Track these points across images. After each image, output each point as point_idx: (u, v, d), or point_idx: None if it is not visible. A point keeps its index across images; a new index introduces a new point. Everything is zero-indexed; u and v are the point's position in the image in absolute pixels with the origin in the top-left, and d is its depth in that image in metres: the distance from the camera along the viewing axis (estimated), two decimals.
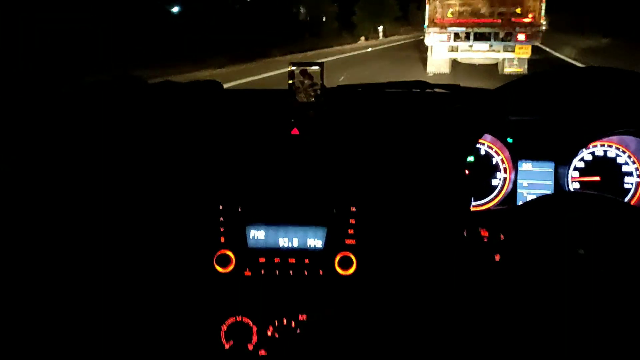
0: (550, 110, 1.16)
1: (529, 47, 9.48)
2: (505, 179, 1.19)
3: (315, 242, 1.04)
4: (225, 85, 1.27)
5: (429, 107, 1.14)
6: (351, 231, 1.04)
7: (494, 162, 1.20)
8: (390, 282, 1.03)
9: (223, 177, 1.06)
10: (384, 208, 1.04)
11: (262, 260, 1.04)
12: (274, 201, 1.05)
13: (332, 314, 1.03)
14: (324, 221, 1.04)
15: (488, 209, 1.18)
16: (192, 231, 1.05)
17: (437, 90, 1.27)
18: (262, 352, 1.03)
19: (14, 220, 1.07)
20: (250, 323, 1.03)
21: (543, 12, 9.30)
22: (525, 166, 1.16)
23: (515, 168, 1.16)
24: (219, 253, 1.03)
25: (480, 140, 1.16)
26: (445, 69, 10.35)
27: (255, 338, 1.02)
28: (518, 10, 9.27)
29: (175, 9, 15.65)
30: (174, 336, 1.05)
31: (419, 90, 1.27)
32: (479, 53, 9.75)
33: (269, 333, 1.03)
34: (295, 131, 1.08)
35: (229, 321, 1.03)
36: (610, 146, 1.19)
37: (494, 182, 1.20)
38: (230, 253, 1.03)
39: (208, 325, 1.03)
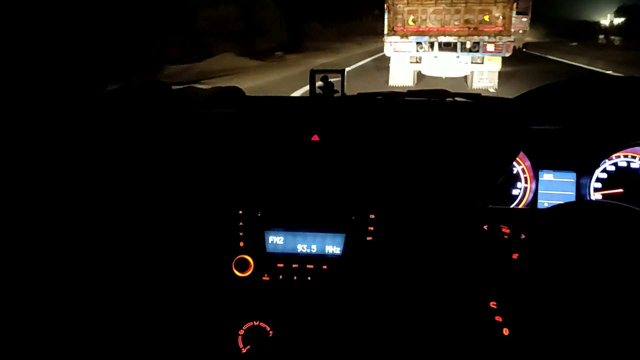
0: (572, 120, 1.15)
1: (499, 60, 8.70)
2: (526, 188, 1.18)
3: (334, 248, 1.04)
4: None
5: (448, 116, 1.14)
6: (370, 238, 1.04)
7: (514, 172, 1.19)
8: (408, 289, 1.03)
9: (243, 182, 1.07)
10: (403, 216, 1.04)
11: (280, 265, 1.05)
12: (293, 207, 1.06)
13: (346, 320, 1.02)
14: (342, 228, 1.04)
15: (511, 208, 1.17)
16: (212, 235, 1.06)
17: (457, 99, 1.27)
18: (279, 358, 1.03)
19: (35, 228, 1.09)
20: (268, 328, 1.03)
21: (514, 20, 8.56)
22: (547, 176, 1.15)
23: (536, 178, 1.15)
24: (237, 257, 1.04)
25: None
26: (408, 82, 9.42)
27: (272, 343, 1.03)
28: (486, 18, 8.49)
29: None
30: (192, 339, 1.06)
31: (438, 99, 1.27)
32: (445, 65, 8.89)
33: (285, 338, 1.03)
34: (315, 137, 1.09)
35: (246, 325, 1.03)
36: (633, 157, 1.17)
37: (515, 191, 1.19)
38: (249, 258, 1.04)
39: (226, 328, 1.04)
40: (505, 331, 0.82)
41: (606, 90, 0.95)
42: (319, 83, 1.28)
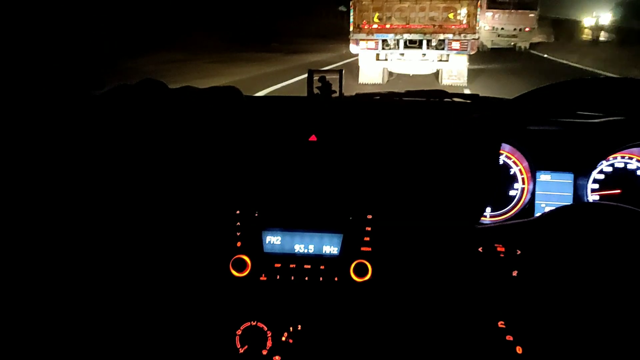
0: (570, 121, 1.15)
1: (465, 57, 8.77)
2: (523, 189, 1.18)
3: (331, 248, 1.04)
4: None
5: (447, 116, 1.14)
6: (367, 238, 1.04)
7: (512, 173, 1.19)
8: (405, 290, 1.02)
9: (241, 182, 1.07)
10: (400, 216, 1.04)
11: (277, 265, 1.04)
12: (290, 207, 1.06)
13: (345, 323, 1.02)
14: (340, 228, 1.04)
15: (503, 224, 1.17)
16: (209, 235, 1.05)
17: (455, 99, 1.27)
18: (276, 358, 1.03)
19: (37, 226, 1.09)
20: (265, 328, 1.03)
21: (478, 17, 8.58)
22: (544, 177, 1.15)
23: (533, 179, 1.15)
24: (235, 257, 1.03)
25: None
26: (377, 79, 9.43)
27: (269, 343, 1.02)
28: (450, 16, 8.53)
29: None
30: (189, 339, 1.05)
31: (437, 99, 1.27)
32: (412, 62, 8.92)
33: (283, 338, 1.03)
34: (313, 138, 1.09)
35: (243, 326, 1.03)
36: (630, 158, 1.18)
37: (512, 192, 1.19)
38: (246, 258, 1.04)
39: (223, 329, 1.04)
40: (519, 349, 0.81)
41: (604, 91, 0.95)
42: (316, 83, 1.28)
